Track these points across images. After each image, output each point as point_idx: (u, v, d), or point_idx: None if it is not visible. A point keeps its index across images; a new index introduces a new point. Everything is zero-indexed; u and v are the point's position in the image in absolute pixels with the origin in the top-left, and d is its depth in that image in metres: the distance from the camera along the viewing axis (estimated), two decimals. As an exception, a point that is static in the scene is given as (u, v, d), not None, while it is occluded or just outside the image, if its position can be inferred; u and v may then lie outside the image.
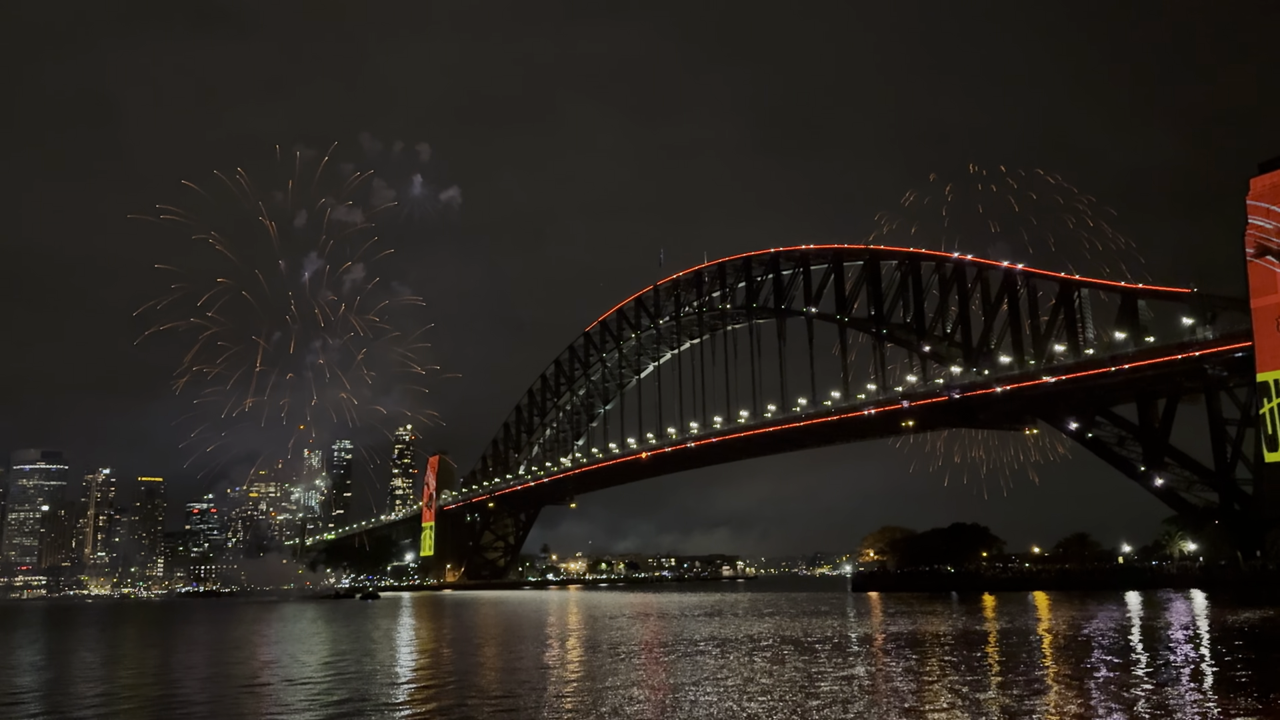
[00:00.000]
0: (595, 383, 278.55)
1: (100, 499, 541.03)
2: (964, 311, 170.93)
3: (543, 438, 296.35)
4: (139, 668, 58.87)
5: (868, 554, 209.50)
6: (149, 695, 42.37)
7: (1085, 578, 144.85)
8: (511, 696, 37.41)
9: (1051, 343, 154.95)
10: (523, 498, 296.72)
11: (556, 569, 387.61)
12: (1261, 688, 34.04)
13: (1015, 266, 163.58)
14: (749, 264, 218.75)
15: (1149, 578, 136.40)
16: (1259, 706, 30.32)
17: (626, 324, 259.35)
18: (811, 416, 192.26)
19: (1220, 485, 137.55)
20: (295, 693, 40.70)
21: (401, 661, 55.59)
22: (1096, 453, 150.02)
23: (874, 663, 46.07)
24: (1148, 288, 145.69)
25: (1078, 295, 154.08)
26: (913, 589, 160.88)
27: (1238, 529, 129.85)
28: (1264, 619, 67.54)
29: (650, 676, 42.66)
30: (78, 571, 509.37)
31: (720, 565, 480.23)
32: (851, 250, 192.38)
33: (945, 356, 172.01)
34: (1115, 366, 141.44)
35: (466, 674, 47.19)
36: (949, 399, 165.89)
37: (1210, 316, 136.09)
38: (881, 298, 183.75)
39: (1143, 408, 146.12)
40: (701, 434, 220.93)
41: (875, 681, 38.88)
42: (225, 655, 64.93)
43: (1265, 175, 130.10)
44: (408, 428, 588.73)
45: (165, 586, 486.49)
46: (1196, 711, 29.90)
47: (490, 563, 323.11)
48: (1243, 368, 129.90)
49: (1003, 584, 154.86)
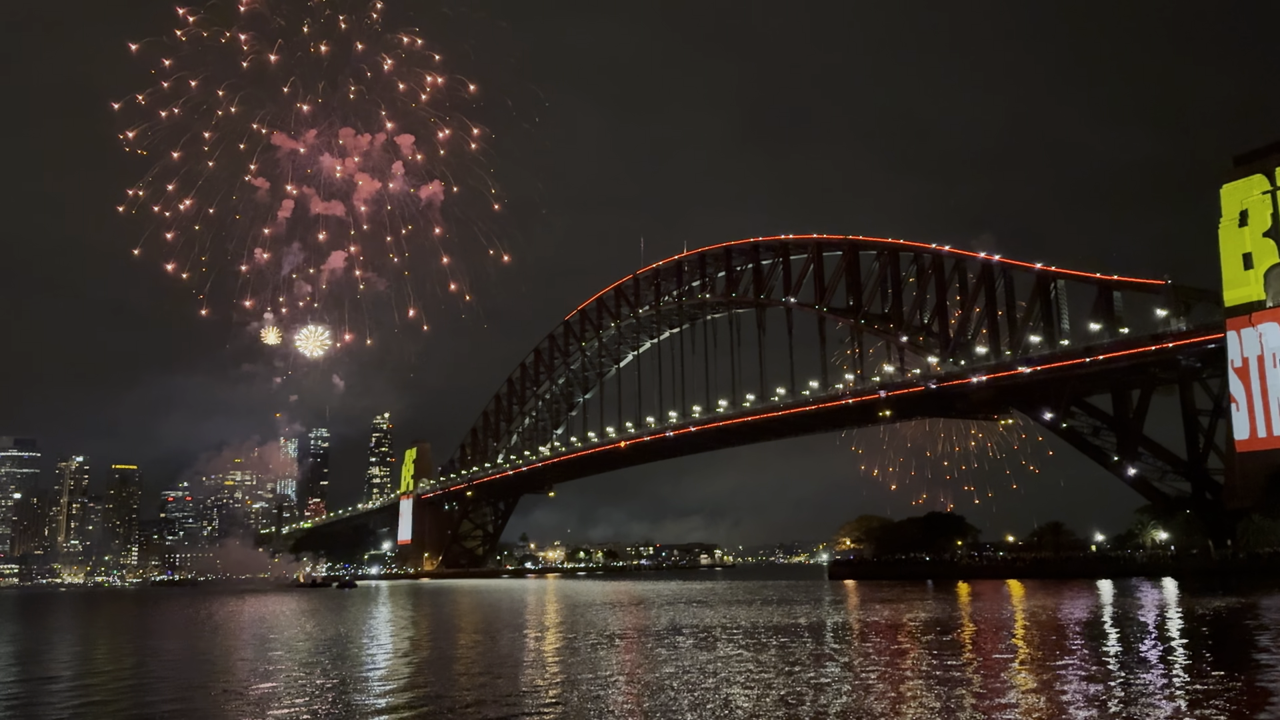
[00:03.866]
0: (575, 372, 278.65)
1: (74, 486, 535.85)
2: (941, 302, 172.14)
3: (522, 426, 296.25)
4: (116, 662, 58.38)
5: (845, 542, 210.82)
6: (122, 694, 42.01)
7: (1059, 566, 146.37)
8: (491, 685, 37.41)
9: (1028, 334, 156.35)
10: (501, 486, 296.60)
11: (535, 558, 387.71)
12: (1223, 673, 34.57)
13: (992, 258, 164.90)
14: (729, 254, 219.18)
15: (1122, 566, 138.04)
16: (1221, 690, 30.81)
17: (606, 313, 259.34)
18: (790, 406, 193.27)
19: (1192, 475, 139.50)
20: (269, 689, 40.50)
21: (379, 652, 55.42)
22: (1071, 442, 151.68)
23: (850, 649, 46.42)
24: (1123, 280, 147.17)
25: (1054, 287, 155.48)
26: (889, 577, 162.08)
27: (1209, 518, 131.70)
28: (1231, 607, 68.53)
29: (630, 664, 42.78)
30: (51, 560, 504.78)
31: (699, 554, 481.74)
32: (831, 240, 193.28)
33: (923, 347, 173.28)
34: (1090, 358, 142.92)
35: (444, 663, 47.13)
36: (926, 389, 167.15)
37: (1184, 308, 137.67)
38: (860, 288, 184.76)
39: (1117, 398, 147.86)
40: (680, 423, 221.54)
41: (852, 667, 39.17)
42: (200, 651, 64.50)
43: (1239, 168, 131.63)
44: (385, 416, 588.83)
45: (139, 575, 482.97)
46: (1162, 696, 30.35)
47: (469, 551, 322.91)
48: (1215, 359, 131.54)
49: (978, 572, 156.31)
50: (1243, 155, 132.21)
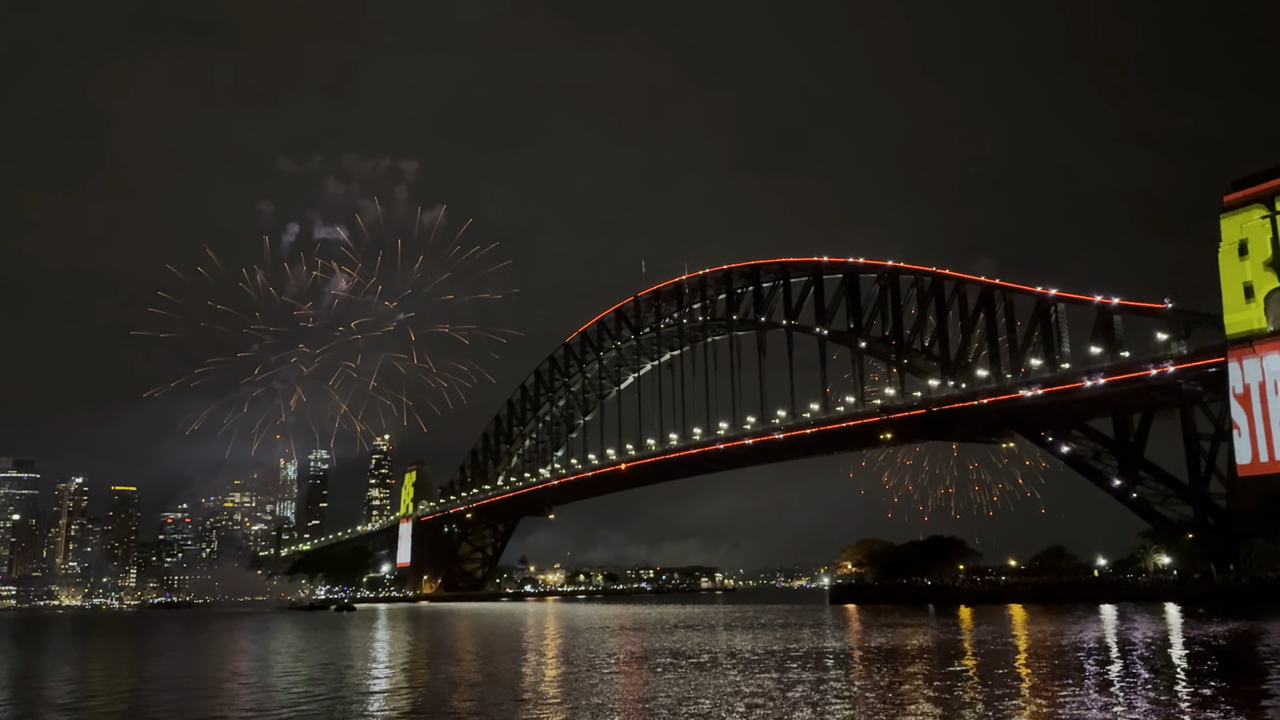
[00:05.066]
0: (575, 393, 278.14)
1: (73, 508, 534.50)
2: (942, 325, 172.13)
3: (522, 448, 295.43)
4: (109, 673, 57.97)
5: (846, 566, 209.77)
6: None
7: (1061, 591, 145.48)
8: (489, 712, 37.14)
9: (1028, 357, 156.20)
10: (501, 509, 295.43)
11: (535, 580, 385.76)
12: (1228, 700, 34.31)
13: (992, 281, 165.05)
14: (729, 276, 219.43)
15: (1124, 591, 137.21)
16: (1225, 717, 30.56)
17: (607, 335, 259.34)
18: (790, 428, 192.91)
19: (1194, 499, 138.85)
20: (268, 709, 40.23)
21: (377, 676, 55.06)
22: (1073, 466, 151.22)
23: (852, 674, 46.08)
24: (1123, 303, 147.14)
25: (1054, 310, 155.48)
26: (890, 601, 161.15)
27: (1211, 542, 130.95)
28: (1235, 632, 68.08)
29: (631, 689, 42.47)
30: (49, 582, 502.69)
31: (699, 577, 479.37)
32: (831, 263, 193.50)
33: (923, 370, 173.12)
34: (1091, 381, 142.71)
35: (442, 689, 46.81)
36: (927, 412, 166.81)
37: (1185, 332, 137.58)
38: (860, 311, 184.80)
39: (1118, 422, 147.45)
40: (681, 445, 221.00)
41: (853, 692, 38.87)
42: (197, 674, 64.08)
43: (1239, 193, 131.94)
44: (385, 438, 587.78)
45: (137, 597, 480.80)
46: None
47: (468, 574, 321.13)
48: (1216, 382, 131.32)
49: (980, 596, 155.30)
50: (1241, 180, 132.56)
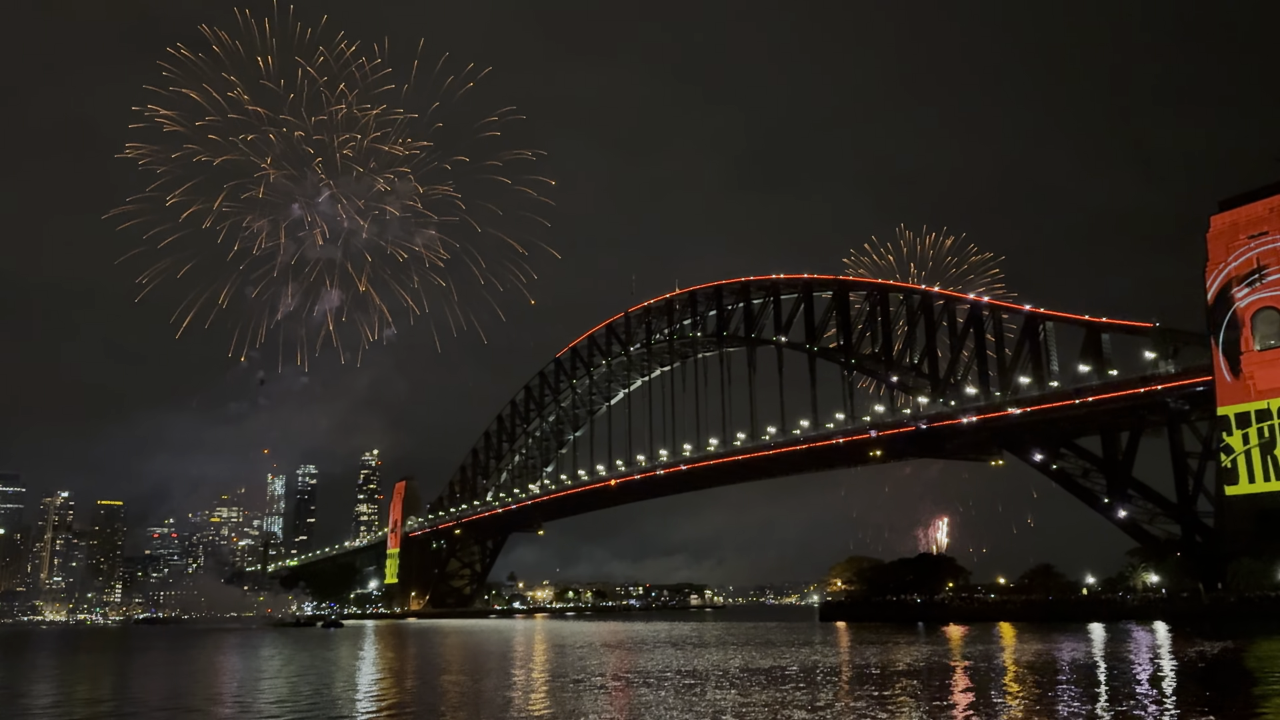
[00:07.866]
0: (565, 409, 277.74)
1: (58, 522, 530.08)
2: (931, 343, 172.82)
3: (512, 464, 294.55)
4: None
5: (835, 583, 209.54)
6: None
7: (1050, 609, 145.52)
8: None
9: (1017, 375, 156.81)
10: (490, 525, 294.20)
11: (523, 597, 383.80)
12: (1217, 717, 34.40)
13: (981, 299, 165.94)
14: (720, 292, 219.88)
15: (1113, 609, 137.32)
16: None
17: (598, 350, 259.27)
18: (780, 445, 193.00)
19: (1182, 517, 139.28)
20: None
21: (361, 696, 54.73)
22: (1061, 484, 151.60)
23: (841, 692, 46.00)
24: (1111, 322, 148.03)
25: (1043, 329, 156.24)
26: (880, 619, 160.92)
27: (1199, 561, 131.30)
28: (1223, 651, 68.23)
29: (620, 708, 42.30)
30: (33, 597, 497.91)
31: (688, 594, 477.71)
32: (821, 280, 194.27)
33: (913, 387, 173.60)
34: (1079, 399, 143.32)
35: (428, 708, 46.54)
36: (916, 429, 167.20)
37: (1172, 351, 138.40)
38: (850, 328, 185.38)
39: (1106, 440, 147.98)
40: (671, 461, 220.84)
41: (843, 711, 38.78)
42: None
43: (1224, 213, 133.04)
44: (374, 453, 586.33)
45: (122, 613, 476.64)
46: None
47: (456, 590, 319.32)
48: (1204, 401, 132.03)
49: (969, 615, 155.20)
50: (1227, 200, 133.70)
